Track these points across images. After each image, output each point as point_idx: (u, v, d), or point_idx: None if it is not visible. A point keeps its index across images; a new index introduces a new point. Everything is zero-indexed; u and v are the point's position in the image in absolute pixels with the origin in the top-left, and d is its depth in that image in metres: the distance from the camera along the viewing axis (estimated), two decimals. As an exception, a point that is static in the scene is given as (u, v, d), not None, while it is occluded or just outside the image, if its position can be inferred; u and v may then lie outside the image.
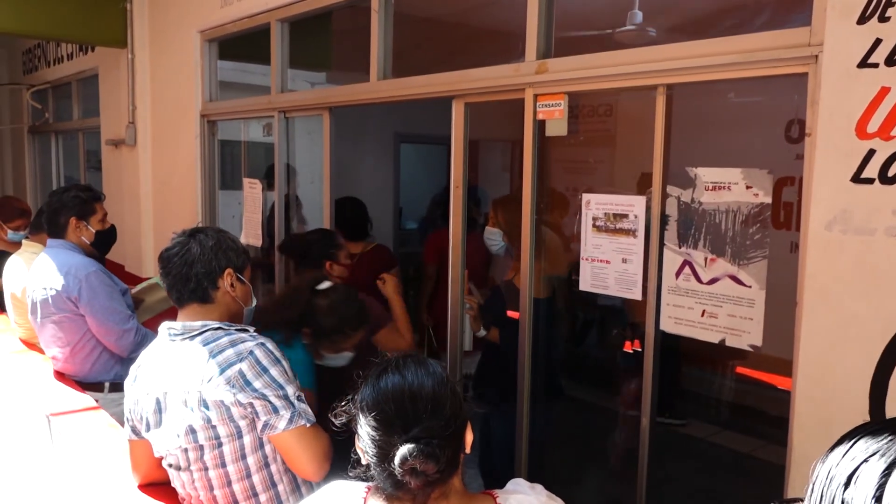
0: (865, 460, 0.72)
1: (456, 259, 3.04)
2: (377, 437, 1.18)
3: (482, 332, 3.10)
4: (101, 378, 2.93)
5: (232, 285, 1.89)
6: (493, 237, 3.15)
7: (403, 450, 1.14)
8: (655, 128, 2.28)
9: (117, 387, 2.79)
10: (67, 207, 2.92)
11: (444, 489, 1.20)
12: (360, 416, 1.22)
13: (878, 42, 1.69)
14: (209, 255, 1.85)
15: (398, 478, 1.16)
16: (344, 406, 1.28)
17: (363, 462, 1.24)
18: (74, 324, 2.86)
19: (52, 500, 2.62)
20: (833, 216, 1.79)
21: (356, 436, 1.25)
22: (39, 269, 2.90)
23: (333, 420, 1.30)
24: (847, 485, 0.72)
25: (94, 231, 2.97)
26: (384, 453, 1.17)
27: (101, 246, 3.04)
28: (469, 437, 1.25)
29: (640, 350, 2.43)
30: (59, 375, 2.96)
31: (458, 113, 2.96)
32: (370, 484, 1.27)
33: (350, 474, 1.30)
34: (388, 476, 1.18)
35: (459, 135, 2.96)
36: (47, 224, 2.99)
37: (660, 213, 2.28)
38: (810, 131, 1.85)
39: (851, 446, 0.75)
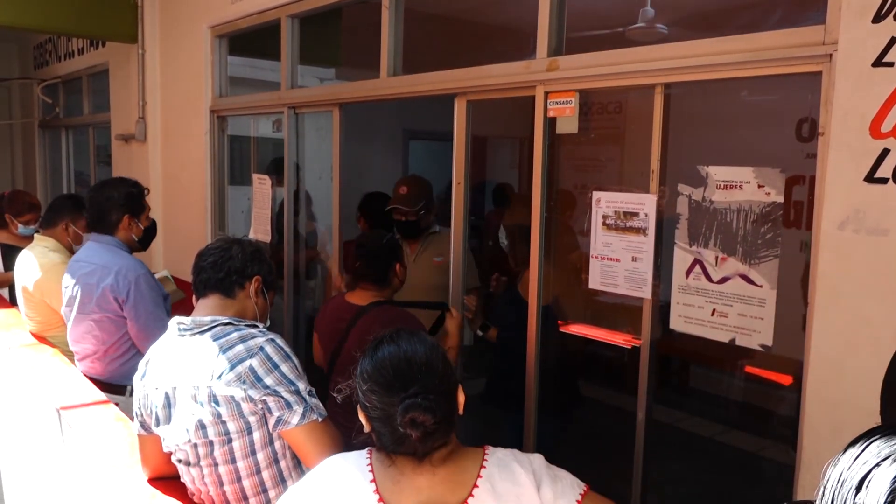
0: (877, 464, 0.71)
1: (458, 254, 3.05)
2: (378, 400, 1.30)
3: (479, 333, 3.16)
4: (125, 381, 2.85)
5: (256, 293, 1.95)
6: (504, 239, 3.19)
7: (404, 405, 1.25)
8: (654, 126, 2.29)
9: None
10: (121, 205, 2.82)
11: (443, 442, 1.31)
12: (362, 384, 1.34)
13: (893, 41, 1.68)
14: (247, 258, 1.95)
15: (400, 433, 1.26)
16: (346, 382, 1.40)
17: (366, 430, 1.36)
18: (114, 325, 2.80)
19: (63, 493, 2.64)
20: (846, 216, 1.78)
21: (358, 406, 1.36)
22: (84, 263, 2.83)
23: (336, 396, 1.42)
24: (858, 489, 0.71)
25: (143, 228, 2.92)
26: (386, 414, 1.29)
27: (146, 242, 2.99)
28: (461, 398, 1.37)
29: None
30: (74, 375, 2.91)
31: (460, 111, 2.96)
32: (370, 448, 1.38)
33: (354, 441, 1.43)
34: (391, 433, 1.29)
35: (461, 133, 2.96)
36: (94, 220, 2.87)
37: (656, 211, 2.30)
38: (823, 130, 1.84)
39: (863, 450, 0.74)
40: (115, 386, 2.88)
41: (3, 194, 4.34)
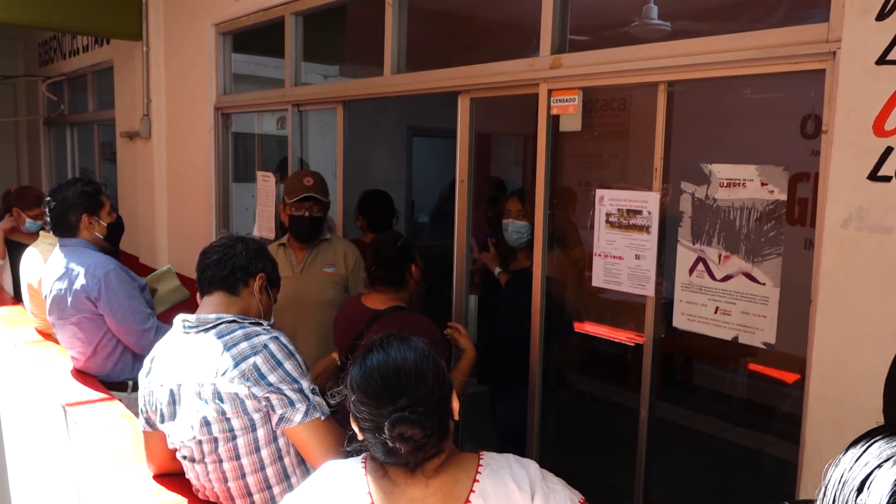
0: (879, 466, 0.71)
1: (461, 251, 3.06)
2: (368, 411, 1.27)
3: (498, 270, 3.27)
4: (123, 377, 2.89)
5: (260, 290, 1.96)
6: (522, 231, 3.15)
7: (392, 419, 1.23)
8: (657, 123, 2.29)
9: (141, 386, 2.77)
10: (76, 205, 2.83)
11: (437, 451, 1.29)
12: (352, 394, 1.31)
13: (897, 39, 1.67)
14: (251, 255, 1.96)
15: (390, 445, 1.24)
16: (339, 388, 1.38)
17: (359, 438, 1.33)
18: (94, 324, 2.80)
19: (68, 489, 2.65)
20: (849, 214, 1.78)
21: (350, 413, 1.34)
22: (55, 269, 2.84)
23: (329, 400, 1.40)
24: (860, 490, 0.71)
25: (105, 225, 2.91)
26: (376, 425, 1.26)
27: (113, 238, 2.99)
28: (455, 404, 1.34)
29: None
30: (78, 374, 2.93)
31: (463, 108, 2.96)
32: (364, 454, 1.36)
33: (347, 449, 1.41)
34: (382, 445, 1.26)
35: (465, 130, 2.97)
36: (55, 224, 2.87)
37: (659, 209, 2.31)
38: (827, 128, 1.84)
39: (865, 451, 0.74)
40: (116, 383, 2.89)
41: (10, 190, 4.36)
